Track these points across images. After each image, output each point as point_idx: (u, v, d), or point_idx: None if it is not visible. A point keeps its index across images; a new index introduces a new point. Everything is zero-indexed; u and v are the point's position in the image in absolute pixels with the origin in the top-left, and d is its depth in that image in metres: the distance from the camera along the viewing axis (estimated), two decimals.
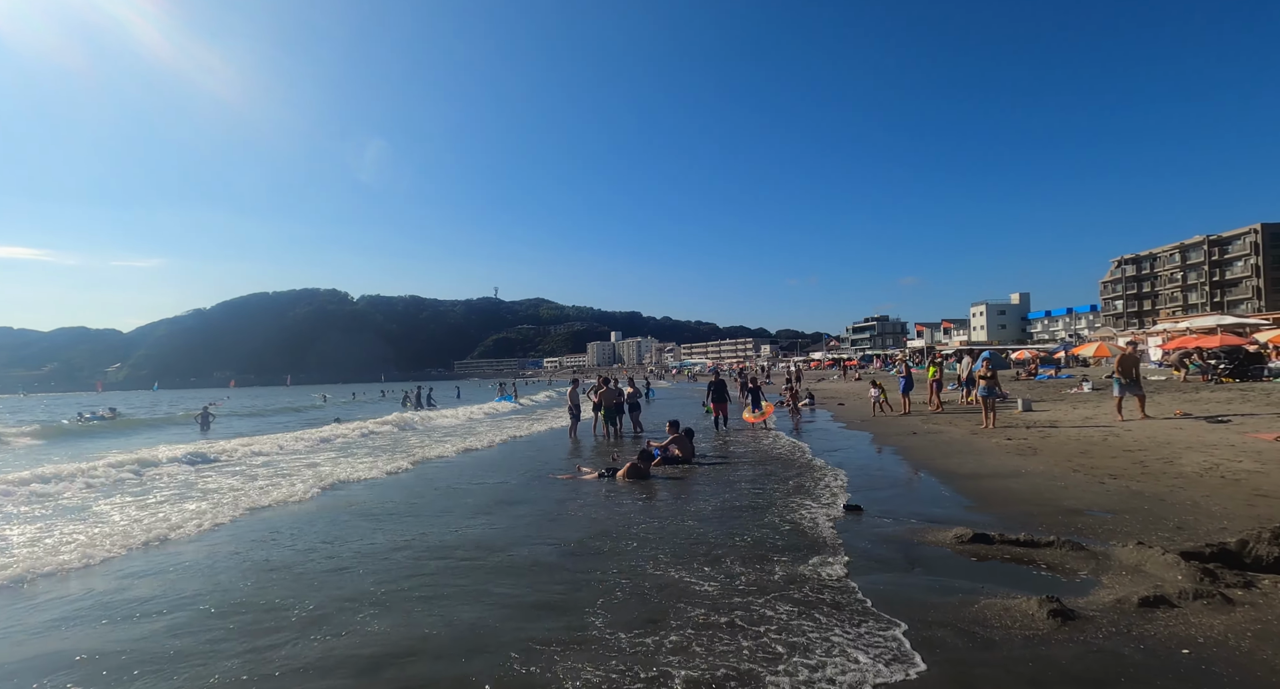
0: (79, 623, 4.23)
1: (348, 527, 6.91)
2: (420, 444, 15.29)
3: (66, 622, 4.26)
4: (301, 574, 5.21)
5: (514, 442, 15.96)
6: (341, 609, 4.29)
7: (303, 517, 7.58)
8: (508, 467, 11.58)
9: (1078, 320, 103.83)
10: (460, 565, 5.33)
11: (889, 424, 15.80)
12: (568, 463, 11.65)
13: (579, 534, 6.30)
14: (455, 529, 6.70)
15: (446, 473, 10.99)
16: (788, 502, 7.32)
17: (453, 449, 14.00)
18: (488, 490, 9.04)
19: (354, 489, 9.55)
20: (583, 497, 8.35)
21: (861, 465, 10.05)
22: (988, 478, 8.22)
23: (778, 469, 9.96)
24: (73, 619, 4.30)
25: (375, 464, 11.78)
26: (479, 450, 14.16)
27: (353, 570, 5.25)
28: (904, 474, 9.08)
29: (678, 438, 10.76)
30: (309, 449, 14.85)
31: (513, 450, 14.37)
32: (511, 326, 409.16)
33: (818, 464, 10.14)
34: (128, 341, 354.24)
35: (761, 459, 11.21)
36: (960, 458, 9.90)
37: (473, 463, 12.32)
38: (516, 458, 12.90)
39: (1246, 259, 77.56)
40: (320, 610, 4.28)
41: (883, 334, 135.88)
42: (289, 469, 11.53)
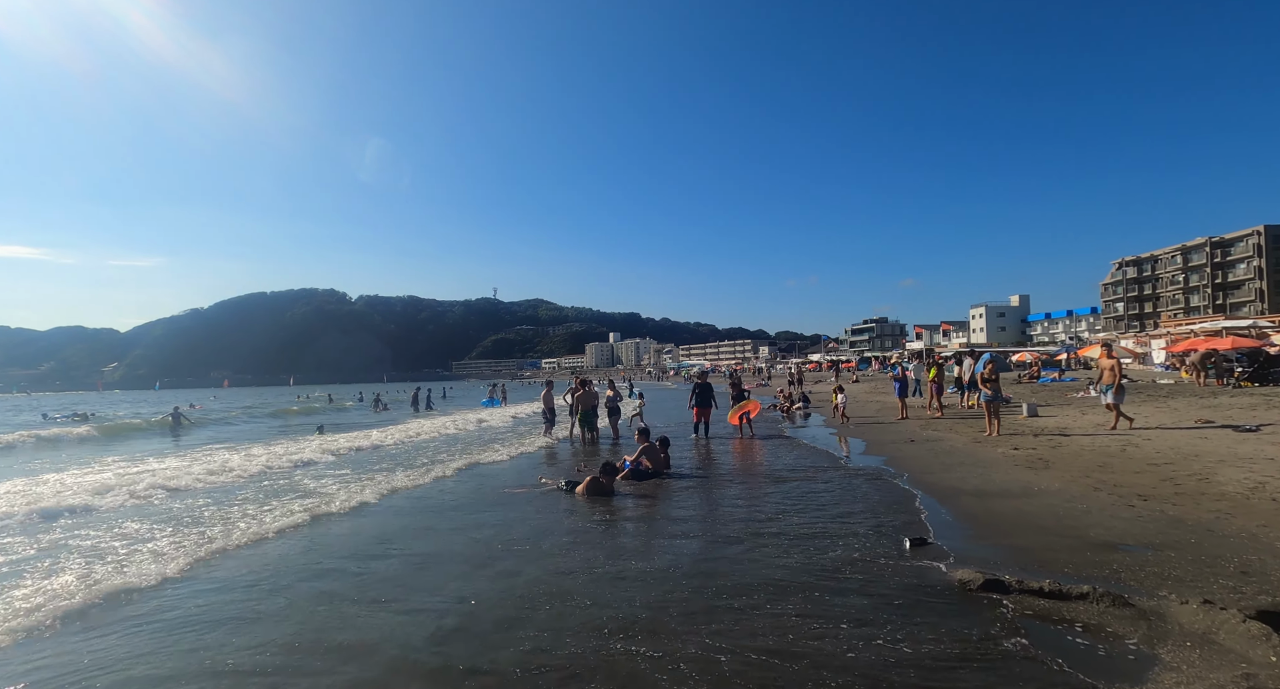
0: None
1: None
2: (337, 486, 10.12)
3: None
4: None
5: (466, 473, 11.05)
6: None
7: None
8: (450, 509, 7.93)
9: (1078, 323, 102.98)
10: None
11: (883, 430, 14.67)
12: (529, 476, 10.50)
13: (474, 587, 4.81)
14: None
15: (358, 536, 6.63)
16: (756, 531, 6.22)
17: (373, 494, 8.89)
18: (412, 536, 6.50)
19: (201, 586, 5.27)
20: (518, 521, 7.13)
21: (847, 480, 8.87)
22: (995, 497, 7.10)
23: (758, 485, 8.84)
24: None
25: (268, 518, 7.52)
26: (408, 491, 9.37)
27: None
28: (897, 491, 7.91)
29: (648, 448, 9.62)
30: (232, 486, 10.16)
31: (463, 486, 9.81)
32: (510, 327, 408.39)
33: (798, 477, 9.03)
34: (125, 341, 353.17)
35: (740, 472, 10.07)
36: (962, 471, 8.76)
37: (408, 508, 8.14)
38: (463, 493, 9.08)
39: (1249, 261, 76.58)
40: None
41: (881, 336, 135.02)
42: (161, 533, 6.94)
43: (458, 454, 13.30)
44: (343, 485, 9.66)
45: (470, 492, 9.11)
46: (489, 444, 15.01)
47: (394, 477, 10.38)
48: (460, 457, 12.84)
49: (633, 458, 9.65)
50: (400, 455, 13.52)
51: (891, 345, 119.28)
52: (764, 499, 7.80)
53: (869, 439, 13.22)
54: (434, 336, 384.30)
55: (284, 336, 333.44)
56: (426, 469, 11.14)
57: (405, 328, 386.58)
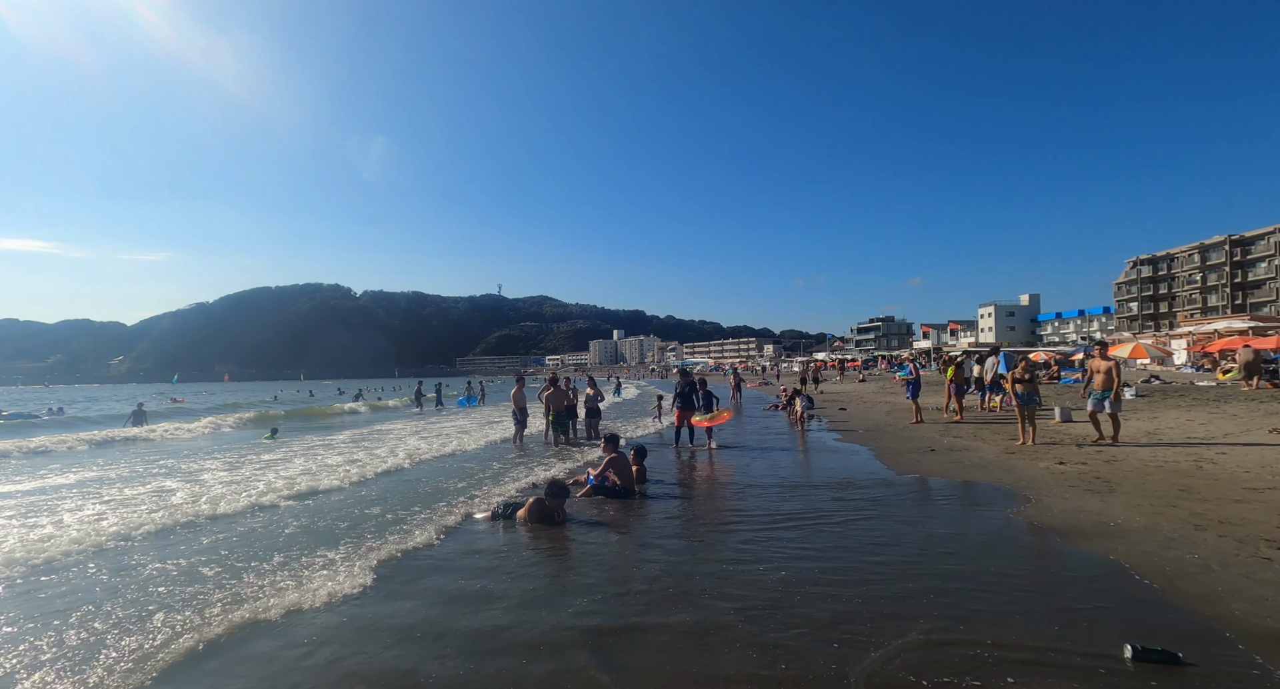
0: None
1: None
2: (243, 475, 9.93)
3: None
4: None
5: (414, 468, 10.66)
6: None
7: None
8: (368, 508, 7.29)
9: (1090, 322, 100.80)
10: None
11: (897, 436, 12.91)
12: (468, 492, 8.81)
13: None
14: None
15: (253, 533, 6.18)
16: (774, 602, 4.51)
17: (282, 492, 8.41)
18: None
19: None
20: (408, 570, 5.13)
21: (856, 507, 6.93)
22: (1061, 533, 5.36)
23: (761, 509, 7.12)
24: None
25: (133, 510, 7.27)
26: (339, 488, 8.74)
27: None
28: (924, 524, 6.14)
29: (616, 458, 7.87)
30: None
31: (407, 480, 9.46)
32: (514, 324, 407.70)
33: (811, 499, 7.33)
34: (131, 334, 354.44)
35: (733, 490, 8.34)
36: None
37: (323, 508, 7.51)
38: (399, 493, 8.43)
39: (1270, 260, 74.09)
40: None
41: (888, 335, 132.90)
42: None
43: (406, 446, 11.60)
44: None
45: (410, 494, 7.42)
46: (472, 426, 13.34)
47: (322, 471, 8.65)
48: (406, 448, 11.17)
49: (597, 471, 7.94)
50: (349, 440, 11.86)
51: (898, 345, 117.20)
52: (776, 538, 5.66)
53: (880, 447, 11.46)
54: (438, 333, 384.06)
55: (288, 331, 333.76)
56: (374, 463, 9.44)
57: (409, 324, 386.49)
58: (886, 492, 7.51)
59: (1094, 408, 10.40)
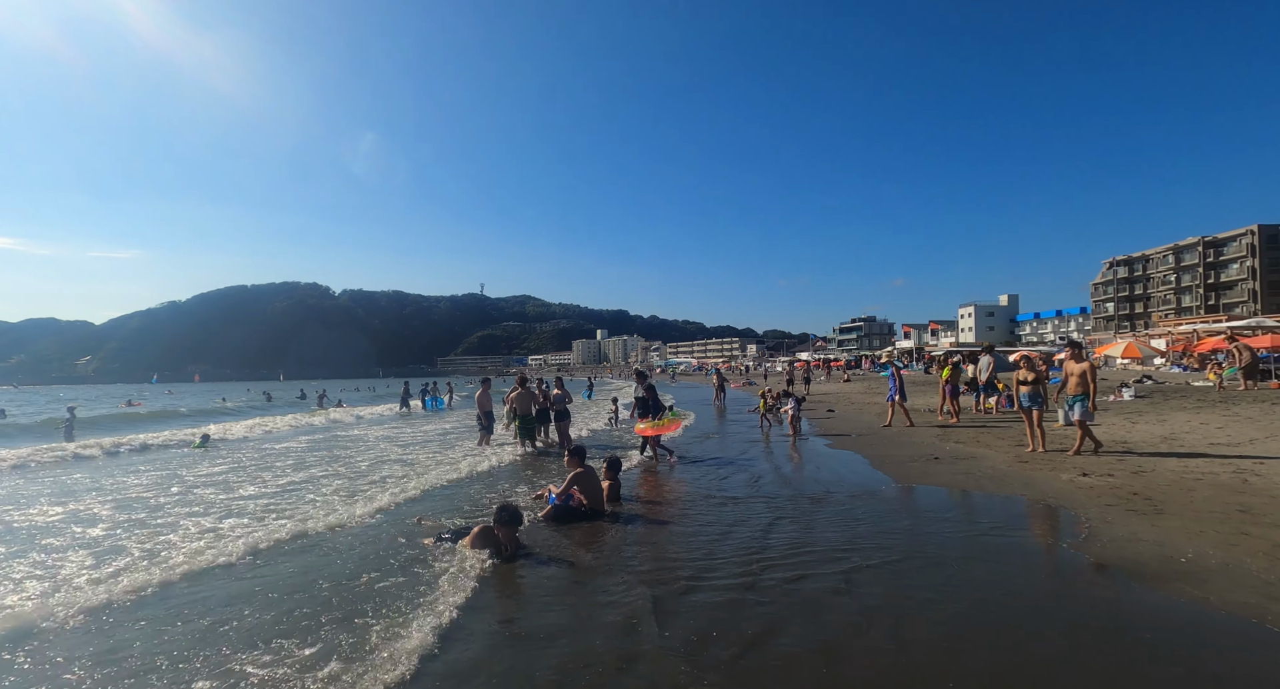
0: None
1: None
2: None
3: None
4: None
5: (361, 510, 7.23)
6: None
7: None
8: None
9: (1067, 322, 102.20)
10: None
11: (894, 441, 12.02)
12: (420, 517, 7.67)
13: None
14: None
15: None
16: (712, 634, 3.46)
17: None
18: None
19: None
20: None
21: (856, 532, 5.84)
22: (1127, 572, 4.38)
23: (736, 533, 6.12)
24: None
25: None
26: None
27: None
28: (947, 562, 4.91)
29: (581, 474, 6.81)
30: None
31: (329, 553, 5.82)
32: (497, 323, 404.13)
33: (793, 518, 6.35)
34: (99, 334, 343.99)
35: (711, 509, 7.31)
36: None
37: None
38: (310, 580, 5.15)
39: (1243, 261, 75.46)
40: None
41: (870, 335, 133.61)
42: None
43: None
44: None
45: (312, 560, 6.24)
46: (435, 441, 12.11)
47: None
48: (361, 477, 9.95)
49: (560, 488, 6.86)
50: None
51: (880, 344, 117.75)
52: (779, 587, 4.36)
53: (878, 455, 10.54)
54: (420, 332, 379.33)
55: (265, 331, 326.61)
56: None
57: (390, 323, 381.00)
58: (904, 516, 6.46)
59: (1080, 416, 9.18)
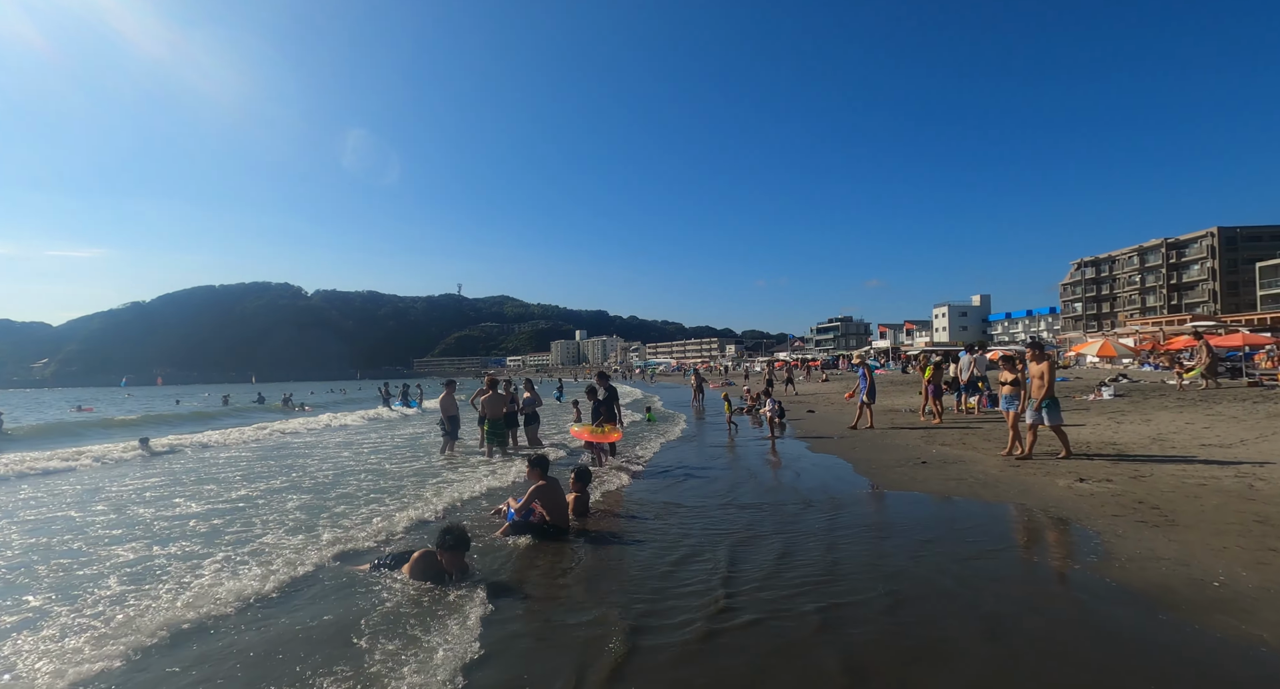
0: None
1: None
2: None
3: None
4: None
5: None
6: None
7: None
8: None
9: (1037, 322, 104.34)
10: None
11: (878, 444, 11.57)
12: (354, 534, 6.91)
13: None
14: None
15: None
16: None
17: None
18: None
19: None
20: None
21: (842, 554, 5.16)
22: (1155, 599, 3.89)
23: (718, 556, 5.52)
24: None
25: None
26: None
27: None
28: (952, 592, 4.26)
29: (543, 487, 6.11)
30: None
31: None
32: (474, 324, 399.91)
33: (774, 532, 5.79)
34: (57, 336, 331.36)
35: (688, 522, 6.69)
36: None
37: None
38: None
39: (1203, 262, 77.69)
40: None
41: (847, 335, 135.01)
42: None
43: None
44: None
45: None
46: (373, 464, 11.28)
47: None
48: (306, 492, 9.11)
49: (520, 502, 6.17)
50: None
51: (856, 344, 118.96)
52: (775, 629, 3.72)
53: (861, 458, 10.06)
54: (395, 333, 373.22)
55: (234, 333, 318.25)
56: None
57: (364, 324, 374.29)
58: (894, 532, 5.92)
59: (1032, 420, 8.82)
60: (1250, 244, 73.17)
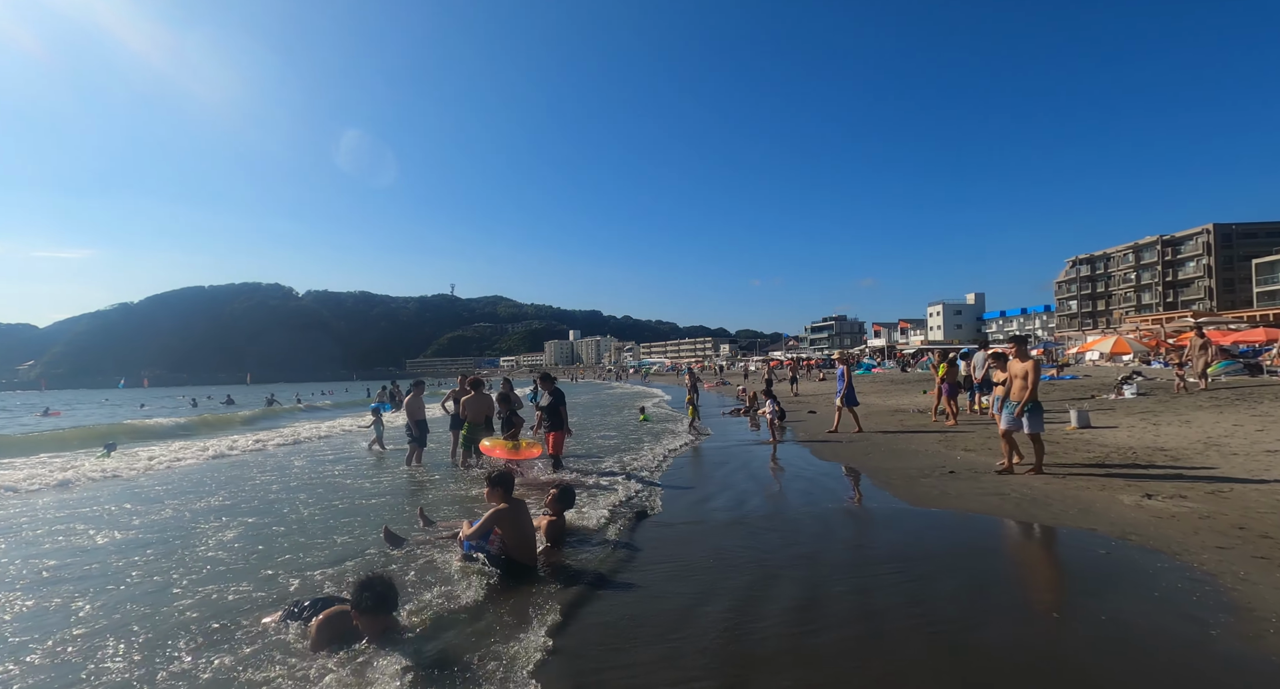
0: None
1: None
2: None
3: None
4: None
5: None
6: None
7: None
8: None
9: (1032, 320, 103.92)
10: None
11: (892, 450, 10.50)
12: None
13: None
14: None
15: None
16: None
17: None
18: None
19: None
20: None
21: (887, 601, 4.01)
22: None
23: (706, 582, 4.38)
24: None
25: None
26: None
27: None
28: (1045, 670, 3.04)
29: (503, 512, 4.84)
30: None
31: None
32: (468, 324, 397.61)
33: (789, 576, 4.68)
34: (43, 337, 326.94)
35: (671, 548, 5.55)
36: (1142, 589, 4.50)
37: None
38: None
39: (1199, 259, 77.27)
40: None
41: (841, 334, 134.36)
42: None
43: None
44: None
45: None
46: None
47: None
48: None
49: (473, 528, 5.01)
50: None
51: (851, 343, 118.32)
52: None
53: (877, 467, 8.97)
54: (387, 334, 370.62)
55: (223, 334, 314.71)
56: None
57: (356, 325, 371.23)
58: (946, 573, 4.57)
59: (1008, 426, 7.70)
60: (1246, 241, 72.79)
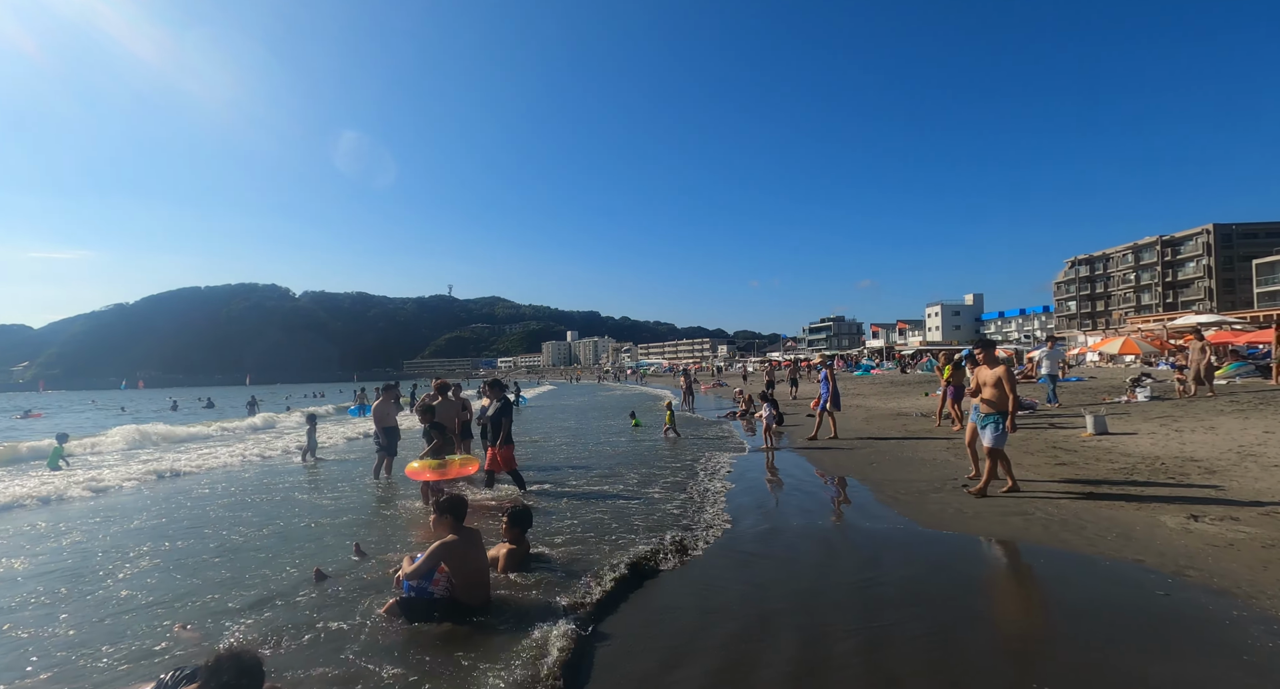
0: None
1: None
2: None
3: None
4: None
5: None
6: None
7: None
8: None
9: (1031, 321, 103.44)
10: None
11: (896, 458, 9.77)
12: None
13: None
14: None
15: None
16: None
17: None
18: None
19: None
20: None
21: (903, 663, 3.23)
22: None
23: (692, 629, 3.66)
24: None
25: None
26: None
27: None
28: None
29: (450, 545, 4.03)
30: None
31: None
32: (465, 325, 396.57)
33: (786, 625, 3.94)
34: (38, 338, 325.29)
35: (649, 585, 4.84)
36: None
37: None
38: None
39: (1199, 259, 76.77)
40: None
41: (839, 335, 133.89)
42: None
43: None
44: None
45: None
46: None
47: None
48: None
49: (414, 566, 4.16)
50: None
51: (849, 344, 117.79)
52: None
53: (881, 479, 8.24)
54: (385, 335, 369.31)
55: (220, 334, 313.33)
56: None
57: (353, 325, 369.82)
58: (976, 624, 3.79)
59: (989, 442, 6.89)
60: (1246, 241, 72.31)
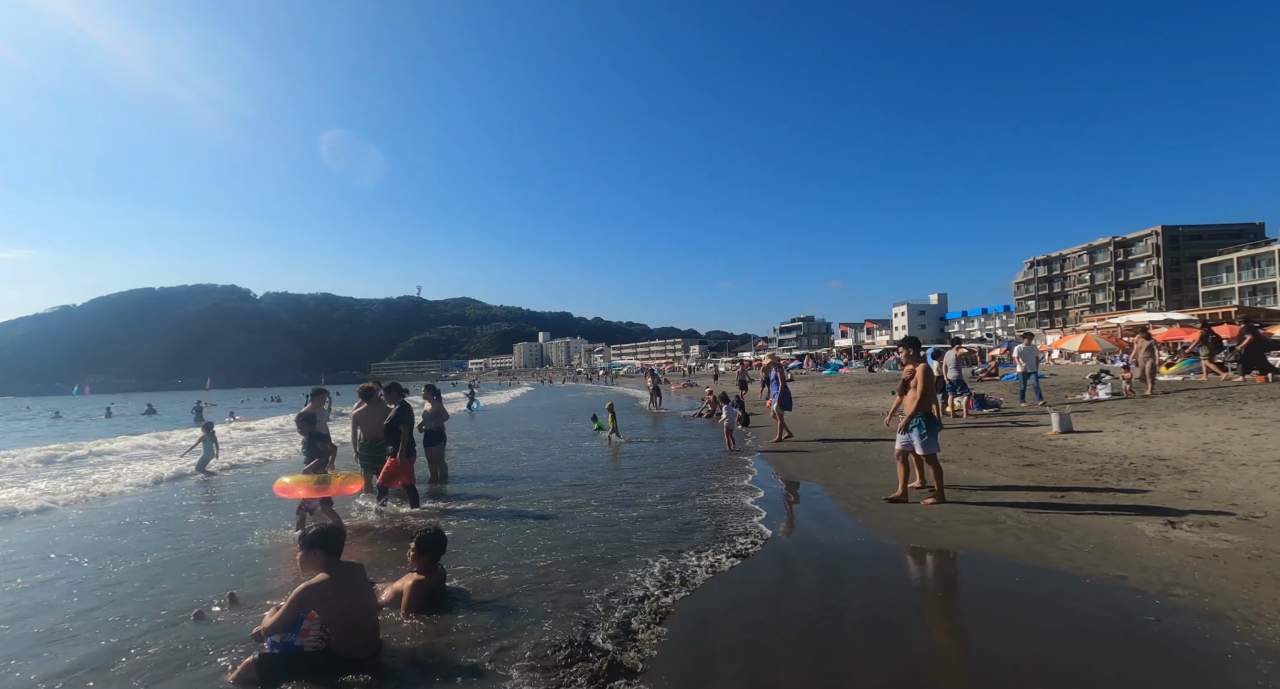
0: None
1: None
2: None
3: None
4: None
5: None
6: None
7: None
8: None
9: (992, 320, 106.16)
10: None
11: (861, 461, 9.39)
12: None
13: None
14: None
15: None
16: None
17: None
18: None
19: None
20: None
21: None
22: None
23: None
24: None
25: None
26: None
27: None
28: None
29: (317, 587, 3.19)
30: None
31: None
32: (435, 327, 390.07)
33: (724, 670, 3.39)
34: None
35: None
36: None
37: None
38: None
39: (1149, 260, 79.70)
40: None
41: (809, 334, 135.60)
42: None
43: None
44: None
45: None
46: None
47: None
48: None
49: (274, 619, 3.31)
50: None
51: (819, 343, 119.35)
52: None
53: (845, 483, 7.80)
54: (351, 337, 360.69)
55: (176, 337, 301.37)
56: None
57: (319, 327, 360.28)
58: (946, 671, 3.49)
59: (902, 445, 6.68)
60: (1192, 243, 75.32)
